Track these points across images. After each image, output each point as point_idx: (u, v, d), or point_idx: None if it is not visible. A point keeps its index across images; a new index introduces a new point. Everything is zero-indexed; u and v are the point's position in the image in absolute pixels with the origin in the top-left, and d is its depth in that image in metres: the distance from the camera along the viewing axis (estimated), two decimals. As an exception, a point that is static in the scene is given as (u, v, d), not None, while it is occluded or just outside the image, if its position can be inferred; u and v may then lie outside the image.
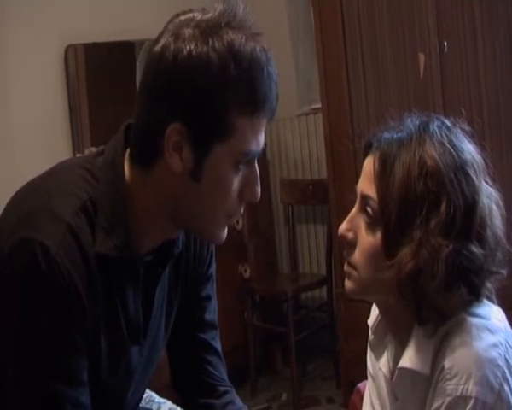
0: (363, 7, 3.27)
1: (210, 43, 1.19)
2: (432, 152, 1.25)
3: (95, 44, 3.86)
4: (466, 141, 1.30)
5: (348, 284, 1.35)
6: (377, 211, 1.27)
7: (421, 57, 3.09)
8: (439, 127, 1.29)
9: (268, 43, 1.25)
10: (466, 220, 1.23)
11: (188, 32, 1.20)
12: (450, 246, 1.21)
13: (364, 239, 1.30)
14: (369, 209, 1.29)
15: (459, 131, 1.31)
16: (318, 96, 3.63)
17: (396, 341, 1.36)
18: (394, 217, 1.24)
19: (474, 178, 1.26)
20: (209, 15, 1.22)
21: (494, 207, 1.29)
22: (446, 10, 3.01)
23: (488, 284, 1.28)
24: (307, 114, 4.34)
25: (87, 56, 3.89)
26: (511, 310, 1.41)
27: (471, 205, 1.24)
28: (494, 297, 1.31)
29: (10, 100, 3.63)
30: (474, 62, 2.96)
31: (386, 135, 1.30)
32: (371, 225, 1.29)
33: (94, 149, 1.38)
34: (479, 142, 1.33)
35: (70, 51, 3.82)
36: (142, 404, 1.62)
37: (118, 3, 4.00)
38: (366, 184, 1.30)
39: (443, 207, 1.22)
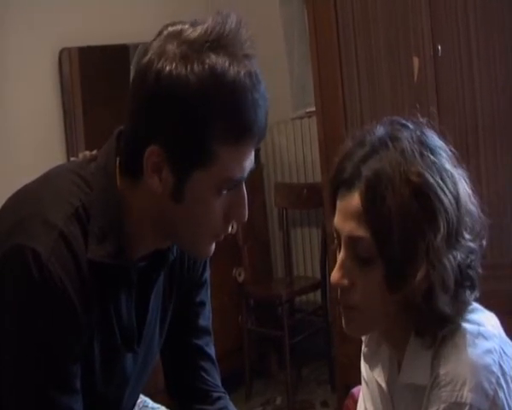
0: (357, 11, 3.27)
1: (189, 67, 1.15)
2: (416, 168, 1.20)
3: (89, 48, 3.85)
4: (433, 136, 1.27)
5: (351, 327, 1.29)
6: (372, 249, 1.21)
7: (416, 61, 3.10)
8: (410, 136, 1.24)
9: (262, 47, 1.23)
10: (458, 218, 1.22)
11: (172, 50, 1.17)
12: (458, 255, 1.20)
13: (363, 281, 1.24)
14: (361, 251, 1.23)
15: (423, 126, 1.28)
16: (313, 100, 3.62)
17: (391, 350, 1.35)
18: (397, 249, 1.19)
19: (452, 169, 1.24)
20: (196, 34, 1.18)
21: (465, 185, 1.27)
22: (440, 14, 3.01)
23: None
24: (302, 118, 4.34)
25: (81, 59, 3.87)
26: (507, 315, 1.41)
27: (457, 200, 1.22)
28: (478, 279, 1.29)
29: (4, 103, 3.62)
30: (469, 66, 2.96)
31: (362, 164, 1.23)
32: (367, 265, 1.23)
33: (88, 153, 1.37)
34: (438, 128, 1.31)
35: (64, 54, 3.81)
36: (136, 409, 1.62)
37: (112, 7, 4.00)
38: (352, 225, 1.23)
39: (441, 220, 1.19)
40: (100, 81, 3.94)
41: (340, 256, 1.27)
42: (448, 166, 1.24)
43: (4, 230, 1.24)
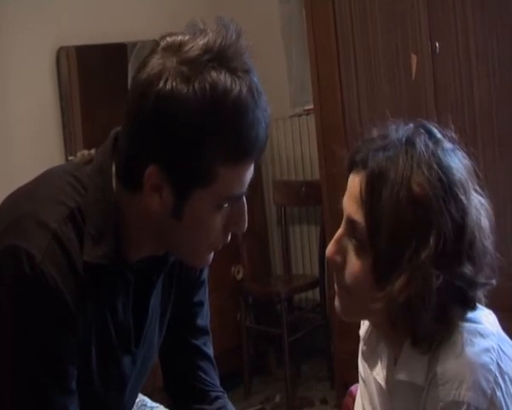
0: (355, 8, 3.27)
1: (190, 88, 1.13)
2: (420, 179, 1.19)
3: (87, 46, 3.85)
4: (453, 154, 1.25)
5: (339, 305, 1.32)
6: (365, 237, 1.22)
7: (414, 58, 3.10)
8: (425, 145, 1.23)
9: (261, 45, 1.21)
10: (456, 246, 1.20)
11: (171, 67, 1.15)
12: (441, 277, 1.18)
13: (354, 264, 1.26)
14: (356, 234, 1.24)
15: (447, 140, 1.27)
16: (311, 98, 3.62)
17: (389, 349, 1.35)
18: (384, 248, 1.20)
19: (463, 197, 1.21)
20: (197, 50, 1.15)
21: (483, 218, 1.26)
22: (438, 11, 3.01)
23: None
24: (300, 115, 4.34)
25: (79, 58, 3.87)
26: (506, 312, 1.41)
27: (460, 229, 1.20)
28: (483, 302, 1.30)
29: (1, 102, 3.62)
30: (467, 63, 2.96)
31: (372, 154, 1.24)
32: (360, 250, 1.24)
33: (86, 152, 1.36)
34: (467, 148, 1.29)
35: (62, 53, 3.81)
36: (135, 409, 1.62)
37: (110, 5, 3.99)
38: (353, 207, 1.25)
39: (432, 238, 1.18)
40: (98, 80, 3.94)
41: (339, 231, 1.29)
42: (460, 192, 1.21)
43: None
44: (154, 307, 1.41)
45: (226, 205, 1.23)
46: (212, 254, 1.31)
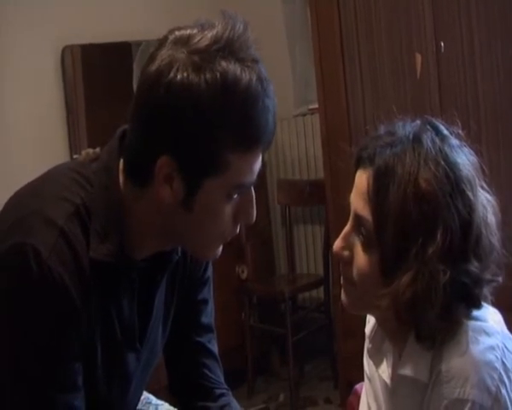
0: (359, 8, 3.27)
1: (202, 77, 1.14)
2: (427, 175, 1.20)
3: (91, 45, 3.86)
4: (460, 151, 1.26)
5: (345, 299, 1.33)
6: (372, 233, 1.23)
7: (418, 57, 3.09)
8: (432, 141, 1.24)
9: (265, 45, 1.22)
10: (463, 242, 1.21)
11: (182, 58, 1.16)
12: (448, 273, 1.18)
13: (361, 259, 1.26)
14: (363, 230, 1.25)
15: (453, 137, 1.27)
16: (315, 97, 3.62)
17: (394, 347, 1.35)
18: (390, 244, 1.21)
19: (470, 194, 1.22)
20: (206, 41, 1.17)
21: (489, 214, 1.26)
22: (443, 10, 3.00)
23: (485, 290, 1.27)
24: (304, 115, 4.34)
25: (84, 57, 3.88)
26: (510, 311, 1.41)
27: (467, 225, 1.21)
28: (489, 300, 1.30)
29: (7, 101, 3.63)
30: (471, 62, 2.96)
31: (379, 150, 1.25)
32: (367, 246, 1.25)
33: (91, 151, 1.36)
34: (474, 146, 1.30)
35: (67, 52, 3.82)
36: (139, 406, 1.62)
37: (114, 4, 4.00)
38: (360, 203, 1.26)
39: (439, 234, 1.19)
40: (102, 79, 3.95)
41: (346, 228, 1.30)
42: (466, 188, 1.22)
43: (5, 227, 1.24)
44: (159, 306, 1.42)
45: (236, 195, 1.24)
46: (221, 247, 1.32)
